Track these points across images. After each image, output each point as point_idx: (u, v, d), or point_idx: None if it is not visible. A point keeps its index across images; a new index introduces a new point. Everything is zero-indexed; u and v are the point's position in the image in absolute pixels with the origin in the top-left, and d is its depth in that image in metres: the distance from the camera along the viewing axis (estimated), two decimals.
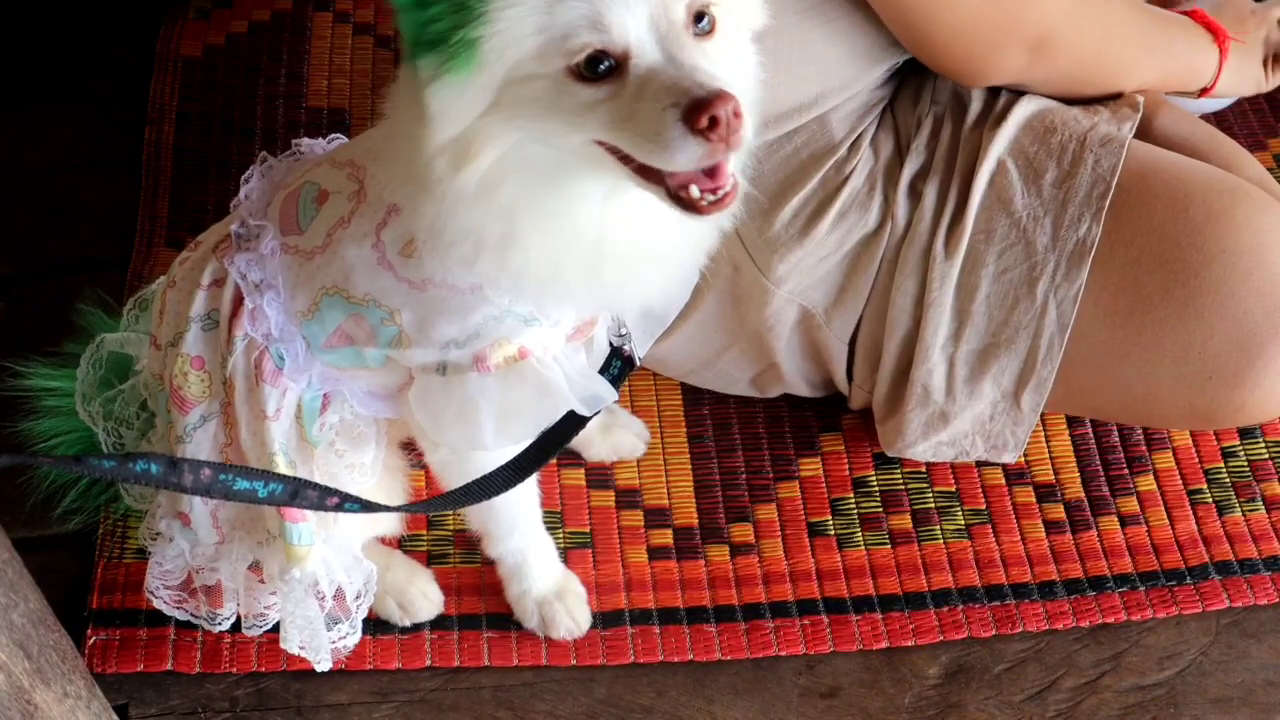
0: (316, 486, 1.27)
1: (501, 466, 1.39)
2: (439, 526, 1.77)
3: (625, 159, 1.12)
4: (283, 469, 1.36)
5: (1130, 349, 1.61)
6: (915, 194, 1.66)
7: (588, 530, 1.78)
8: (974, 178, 1.62)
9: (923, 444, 1.74)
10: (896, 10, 1.54)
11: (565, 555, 1.73)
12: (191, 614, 1.57)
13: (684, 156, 1.07)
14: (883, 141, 1.69)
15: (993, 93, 1.69)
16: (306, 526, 1.40)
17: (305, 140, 1.47)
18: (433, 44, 1.09)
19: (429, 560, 1.75)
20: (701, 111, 1.05)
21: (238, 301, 1.36)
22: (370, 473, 1.46)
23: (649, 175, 1.12)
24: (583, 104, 1.09)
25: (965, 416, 1.70)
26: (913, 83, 1.72)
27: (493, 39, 1.07)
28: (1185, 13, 1.75)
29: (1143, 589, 1.76)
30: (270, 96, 2.22)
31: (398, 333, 1.29)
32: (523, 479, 1.40)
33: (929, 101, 1.70)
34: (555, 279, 1.23)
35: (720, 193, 1.12)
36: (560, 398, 1.32)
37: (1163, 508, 1.84)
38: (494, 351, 1.28)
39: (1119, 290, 1.59)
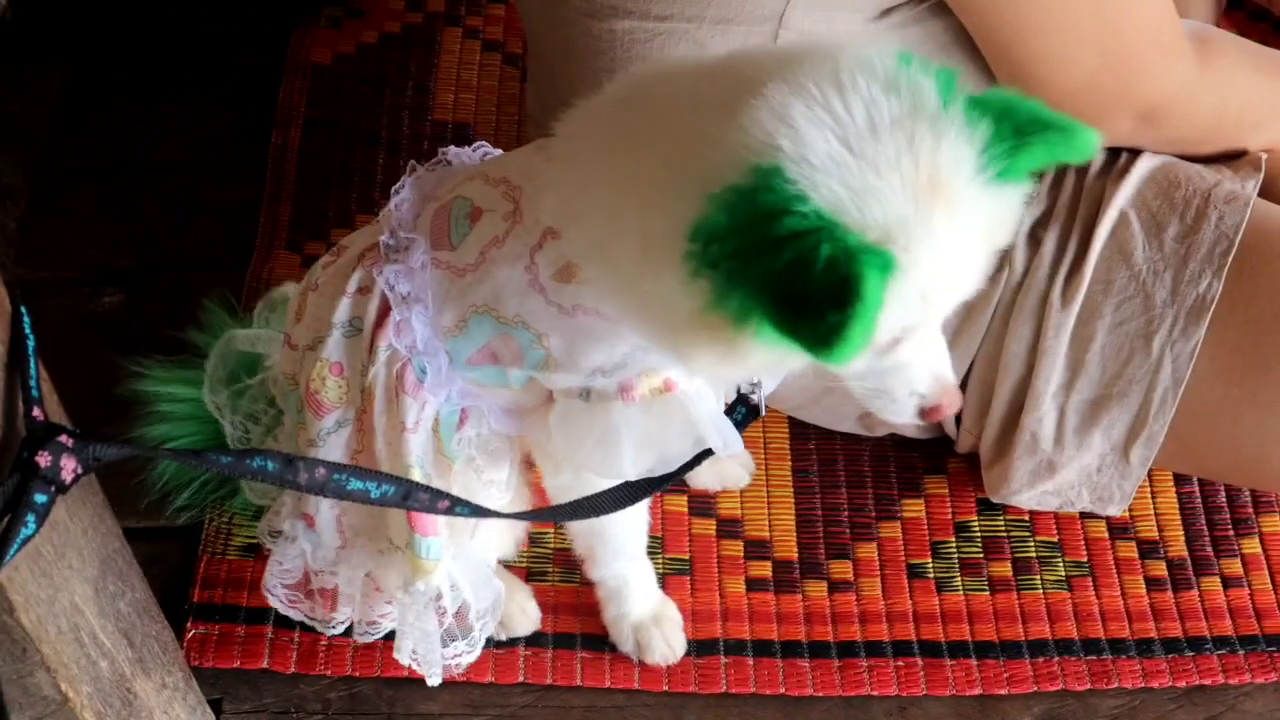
0: (428, 489, 1.27)
1: (616, 487, 1.39)
2: (538, 544, 1.78)
3: None
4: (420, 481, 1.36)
5: (1245, 409, 1.59)
6: (1035, 241, 1.65)
7: (687, 558, 1.79)
8: (1095, 228, 1.61)
9: (1028, 492, 1.73)
10: (1009, 67, 1.52)
11: (663, 581, 1.74)
12: (306, 615, 1.58)
13: (904, 420, 1.23)
14: None
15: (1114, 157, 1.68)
16: (437, 541, 1.40)
17: (452, 148, 1.46)
18: (794, 310, 1.01)
19: (528, 577, 1.76)
20: (938, 409, 1.20)
21: (383, 312, 1.36)
22: (507, 489, 1.46)
23: None
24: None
25: (1073, 467, 1.68)
26: None
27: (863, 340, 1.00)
28: None
29: (1242, 653, 1.74)
30: (396, 107, 2.24)
31: (545, 356, 1.29)
32: (635, 502, 1.40)
33: None
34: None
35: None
36: (704, 433, 1.32)
37: (1266, 572, 1.81)
38: (640, 382, 1.28)
39: (1236, 349, 1.58)
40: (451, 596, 1.47)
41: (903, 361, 1.17)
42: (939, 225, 1.03)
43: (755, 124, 1.03)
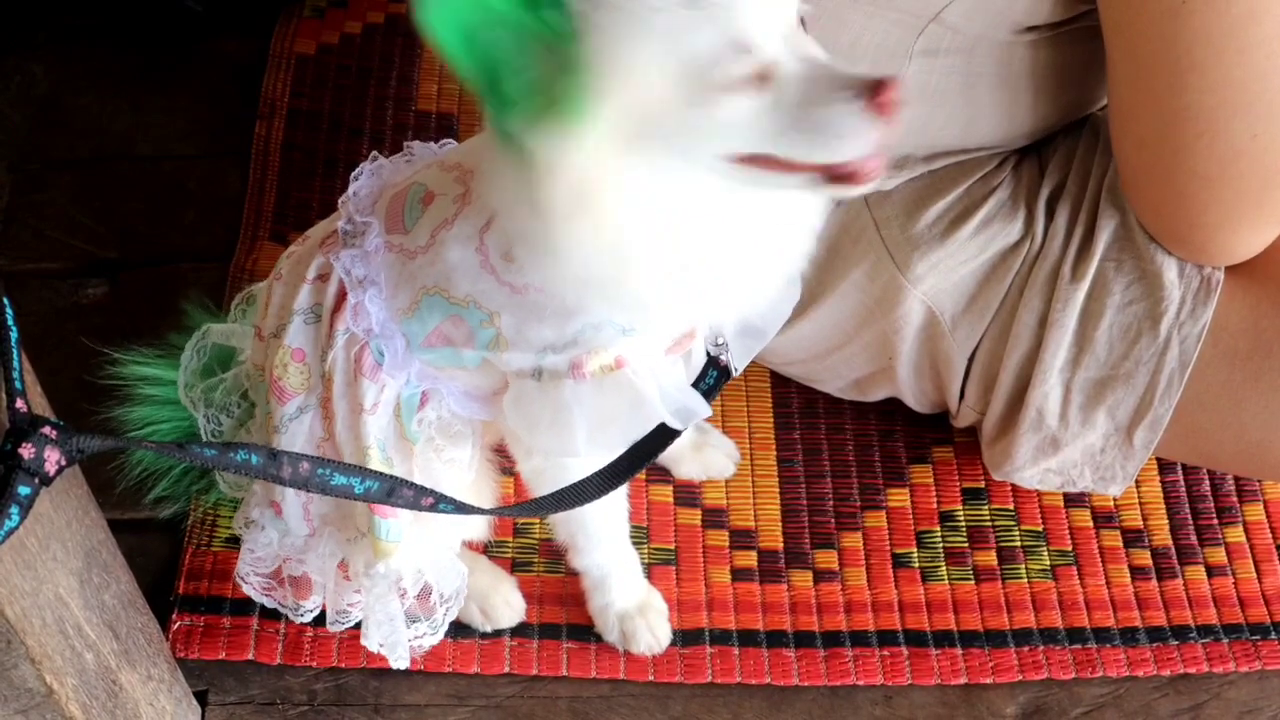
0: (412, 486, 1.28)
1: (592, 475, 1.39)
2: (524, 534, 1.78)
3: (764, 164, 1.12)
4: (377, 463, 1.37)
5: (1248, 393, 1.59)
6: (1050, 213, 1.65)
7: (672, 548, 1.79)
8: (1103, 208, 1.61)
9: (1031, 469, 1.73)
10: (1156, 118, 1.46)
11: (649, 571, 1.74)
12: (279, 602, 1.58)
13: (859, 143, 1.07)
14: (1026, 161, 1.69)
15: None
16: (395, 523, 1.41)
17: (417, 143, 1.47)
18: (528, 98, 1.06)
19: (513, 567, 1.76)
20: (885, 92, 1.05)
21: (341, 296, 1.37)
22: (468, 469, 1.47)
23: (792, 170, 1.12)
24: (730, 124, 1.08)
25: (1076, 445, 1.68)
26: None
27: (609, 81, 1.05)
28: None
29: (1226, 641, 1.74)
30: (380, 98, 2.24)
31: (495, 335, 1.30)
32: (613, 488, 1.40)
33: (1067, 127, 1.70)
34: (660, 301, 1.23)
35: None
36: (652, 410, 1.32)
37: (1250, 560, 1.82)
38: (590, 359, 1.28)
39: (1239, 332, 1.58)
40: (413, 579, 1.48)
41: (790, 80, 1.09)
42: None
43: None
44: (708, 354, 1.42)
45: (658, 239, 1.16)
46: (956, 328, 1.67)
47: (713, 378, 1.42)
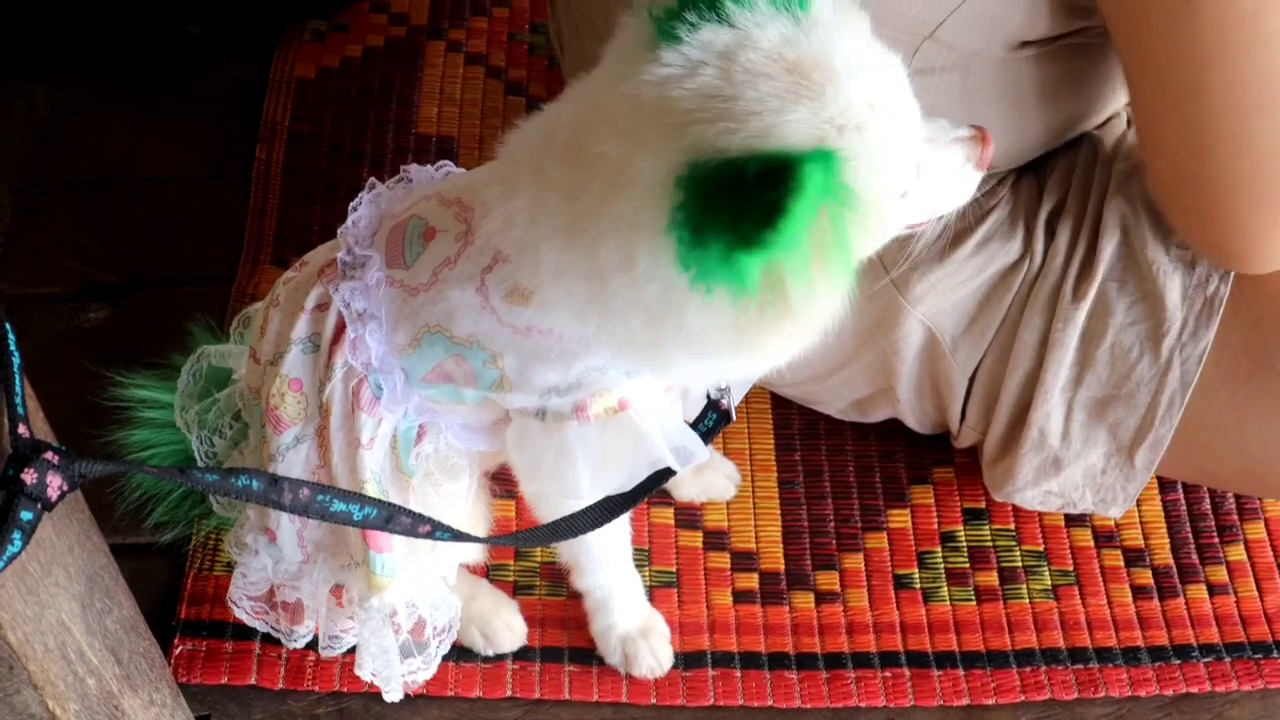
0: (410, 513, 1.28)
1: (591, 507, 1.39)
2: (526, 557, 1.78)
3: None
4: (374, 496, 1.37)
5: (1250, 412, 1.59)
6: (1050, 232, 1.65)
7: (674, 570, 1.79)
8: (1102, 226, 1.62)
9: (1032, 490, 1.73)
10: (1179, 121, 1.44)
11: (651, 594, 1.74)
12: (271, 626, 1.58)
13: (970, 192, 1.25)
14: (1025, 180, 1.69)
15: (1122, 139, 1.69)
16: (391, 557, 1.41)
17: (414, 166, 1.46)
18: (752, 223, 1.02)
19: (515, 591, 1.76)
20: (985, 149, 1.22)
21: (340, 329, 1.36)
22: (465, 502, 1.47)
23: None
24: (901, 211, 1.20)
25: (1078, 465, 1.68)
26: None
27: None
28: None
29: (1228, 660, 1.74)
30: (380, 121, 2.24)
31: (499, 376, 1.30)
32: (610, 520, 1.41)
33: (1064, 145, 1.70)
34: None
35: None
36: (654, 451, 1.32)
37: (1252, 578, 1.82)
38: (595, 402, 1.28)
39: (1240, 351, 1.58)
40: (407, 613, 1.48)
41: (935, 165, 1.19)
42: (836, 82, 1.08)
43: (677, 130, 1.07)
44: (708, 396, 1.42)
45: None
46: (957, 348, 1.68)
47: (712, 419, 1.42)
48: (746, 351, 1.15)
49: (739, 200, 1.00)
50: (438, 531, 1.30)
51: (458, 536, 1.32)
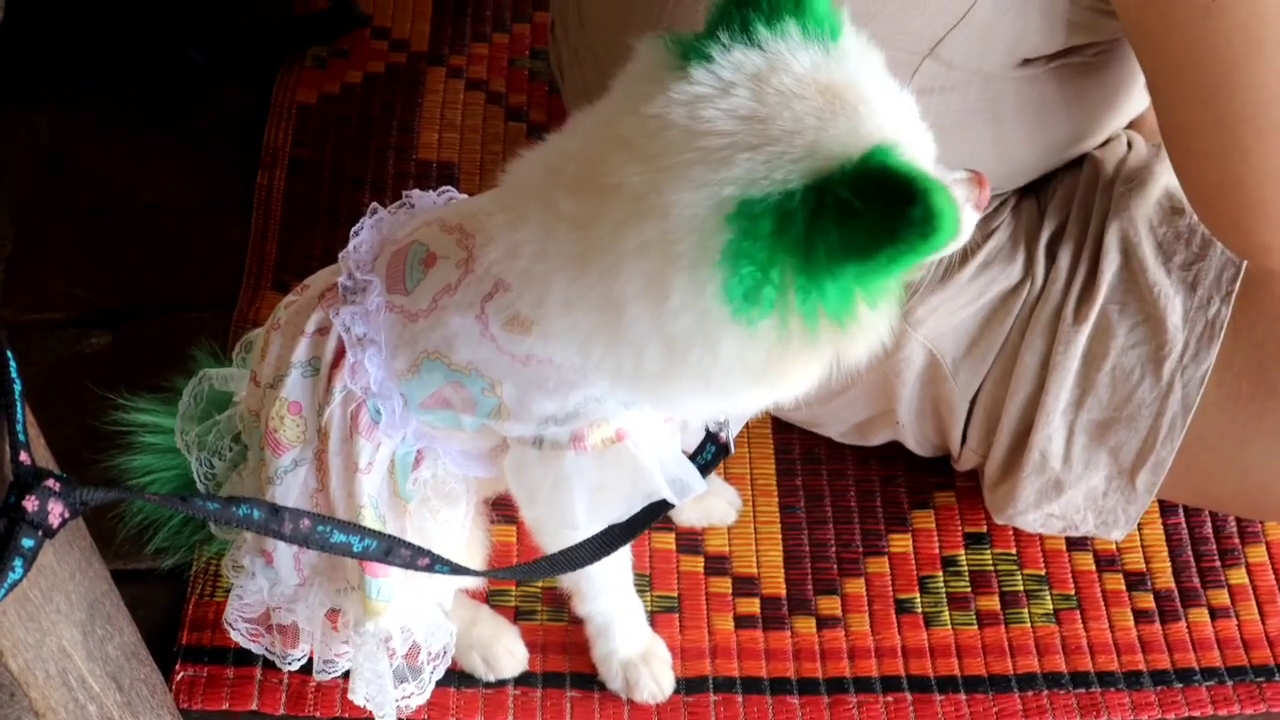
0: (409, 546, 1.29)
1: (591, 538, 1.40)
2: (527, 583, 1.78)
3: None
4: (370, 521, 1.36)
5: (1251, 435, 1.59)
6: (1051, 256, 1.66)
7: (675, 595, 1.79)
8: (1103, 250, 1.62)
9: (1034, 513, 1.73)
10: (1216, 124, 1.41)
11: (652, 619, 1.73)
12: (266, 649, 1.58)
13: (969, 232, 1.21)
14: (1025, 203, 1.69)
15: (1123, 161, 1.69)
16: (387, 582, 1.41)
17: (416, 191, 1.47)
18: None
19: (516, 616, 1.75)
20: (983, 192, 1.21)
21: (340, 353, 1.36)
22: (462, 528, 1.47)
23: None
24: None
25: (1079, 488, 1.68)
26: None
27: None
28: None
29: (1230, 683, 1.74)
30: (381, 147, 2.24)
31: (497, 404, 1.30)
32: (610, 553, 1.41)
33: (1064, 167, 1.70)
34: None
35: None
36: (651, 483, 1.32)
37: (1253, 602, 1.82)
38: (592, 432, 1.28)
39: (1242, 374, 1.58)
40: (402, 638, 1.48)
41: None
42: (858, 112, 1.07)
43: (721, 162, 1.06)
44: (706, 430, 1.42)
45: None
46: (958, 371, 1.68)
47: (711, 452, 1.43)
48: (771, 382, 1.15)
49: (862, 225, 1.00)
50: (437, 565, 1.30)
51: (457, 570, 1.33)
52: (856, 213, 0.99)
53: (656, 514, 1.40)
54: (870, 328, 1.10)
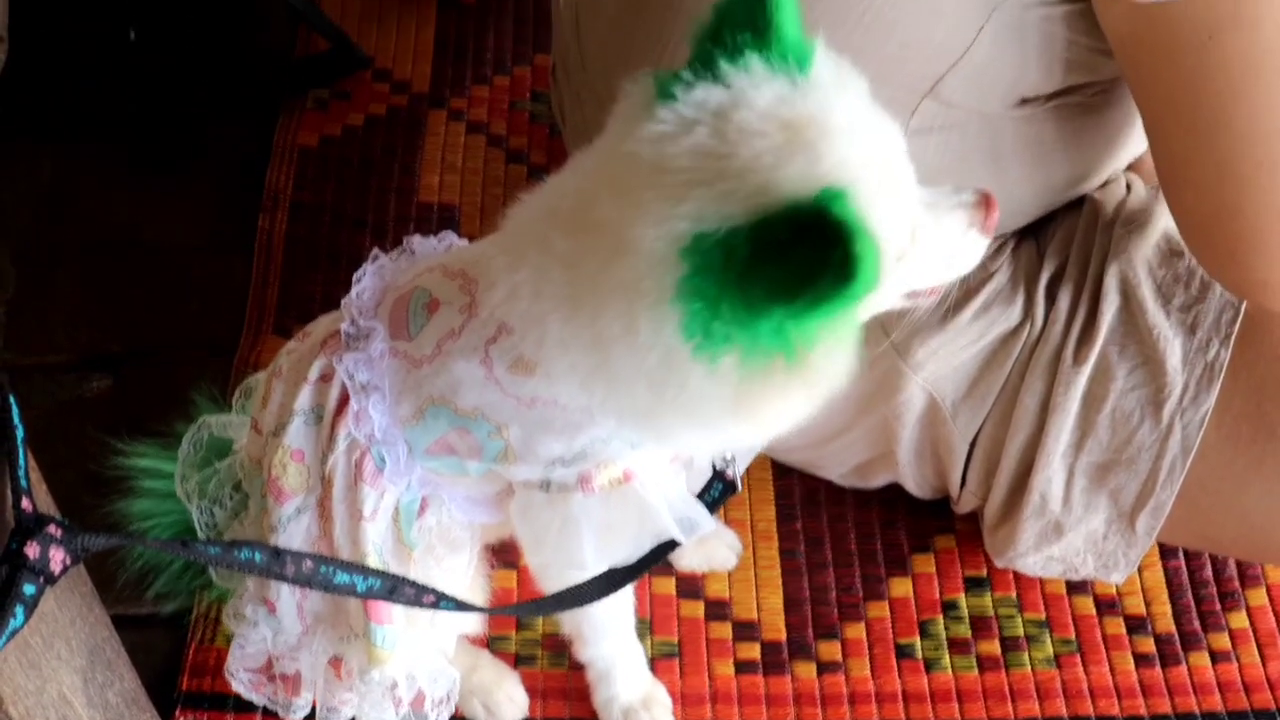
0: (414, 584, 1.29)
1: (596, 578, 1.40)
2: (528, 628, 1.77)
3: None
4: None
5: (1251, 477, 1.59)
6: (1050, 297, 1.66)
7: (676, 640, 1.78)
8: (1103, 291, 1.62)
9: (1033, 556, 1.73)
10: (1215, 164, 1.40)
11: (653, 665, 1.73)
12: (269, 699, 1.58)
13: (977, 257, 1.25)
14: (1025, 245, 1.70)
15: (1123, 203, 1.70)
16: (392, 629, 1.41)
17: (417, 237, 1.47)
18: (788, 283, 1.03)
19: (516, 662, 1.75)
20: (990, 213, 1.22)
21: (343, 400, 1.36)
22: (465, 575, 1.47)
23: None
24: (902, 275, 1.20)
25: (1079, 531, 1.68)
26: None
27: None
28: None
29: None
30: (382, 190, 2.25)
31: (504, 448, 1.30)
32: (615, 591, 1.41)
33: (1063, 209, 1.71)
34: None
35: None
36: (659, 523, 1.32)
37: (1254, 645, 1.82)
38: (599, 473, 1.28)
39: (1241, 416, 1.58)
40: (407, 685, 1.47)
41: (935, 231, 1.20)
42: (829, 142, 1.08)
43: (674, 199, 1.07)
44: (713, 467, 1.42)
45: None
46: (958, 413, 1.68)
47: (718, 490, 1.42)
48: (744, 419, 1.16)
49: (789, 266, 1.01)
50: (442, 601, 1.30)
51: (462, 606, 1.32)
52: (786, 254, 1.01)
53: (663, 554, 1.40)
54: (819, 369, 1.10)
